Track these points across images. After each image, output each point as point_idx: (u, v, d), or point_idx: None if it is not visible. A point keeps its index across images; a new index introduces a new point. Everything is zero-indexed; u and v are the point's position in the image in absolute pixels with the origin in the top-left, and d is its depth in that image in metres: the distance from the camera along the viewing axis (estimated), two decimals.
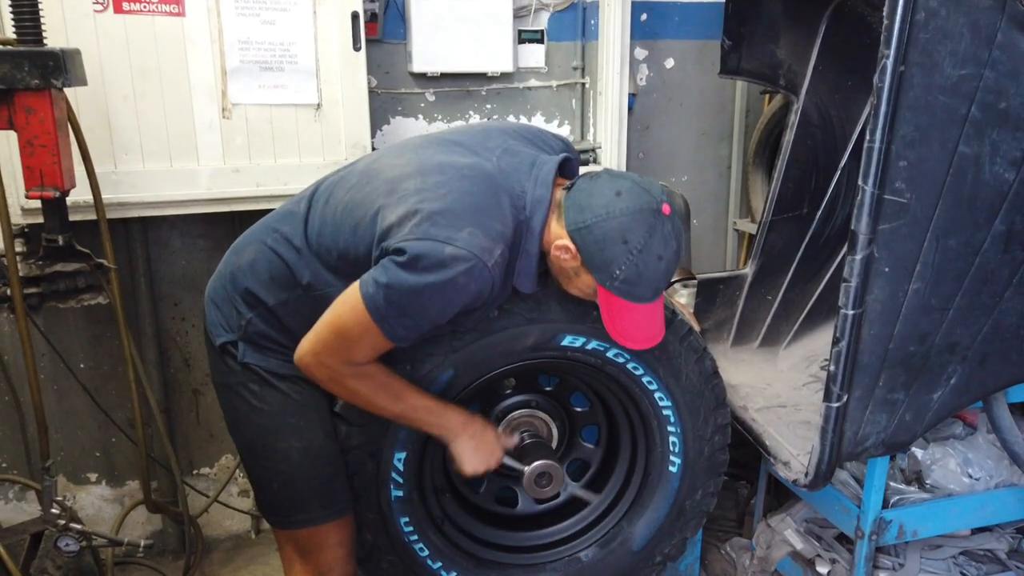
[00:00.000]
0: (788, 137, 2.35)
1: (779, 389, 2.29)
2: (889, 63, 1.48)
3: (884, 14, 1.46)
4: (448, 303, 1.43)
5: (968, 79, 1.54)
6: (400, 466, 1.73)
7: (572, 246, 1.48)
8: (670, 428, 1.83)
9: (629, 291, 1.47)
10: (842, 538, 2.36)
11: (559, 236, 1.50)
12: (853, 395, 1.68)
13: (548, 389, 2.00)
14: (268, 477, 1.69)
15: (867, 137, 1.53)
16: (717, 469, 1.93)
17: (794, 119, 2.34)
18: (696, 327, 1.86)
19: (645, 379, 1.77)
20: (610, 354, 1.73)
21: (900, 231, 1.58)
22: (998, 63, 1.54)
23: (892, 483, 2.20)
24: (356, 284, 1.45)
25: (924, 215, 1.59)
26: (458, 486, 2.03)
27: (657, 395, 1.79)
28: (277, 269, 1.61)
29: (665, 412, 1.81)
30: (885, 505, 2.11)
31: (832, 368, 1.67)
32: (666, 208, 1.46)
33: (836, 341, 1.65)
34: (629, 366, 1.75)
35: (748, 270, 2.44)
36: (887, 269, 1.60)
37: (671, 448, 1.85)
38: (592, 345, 1.71)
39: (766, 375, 2.37)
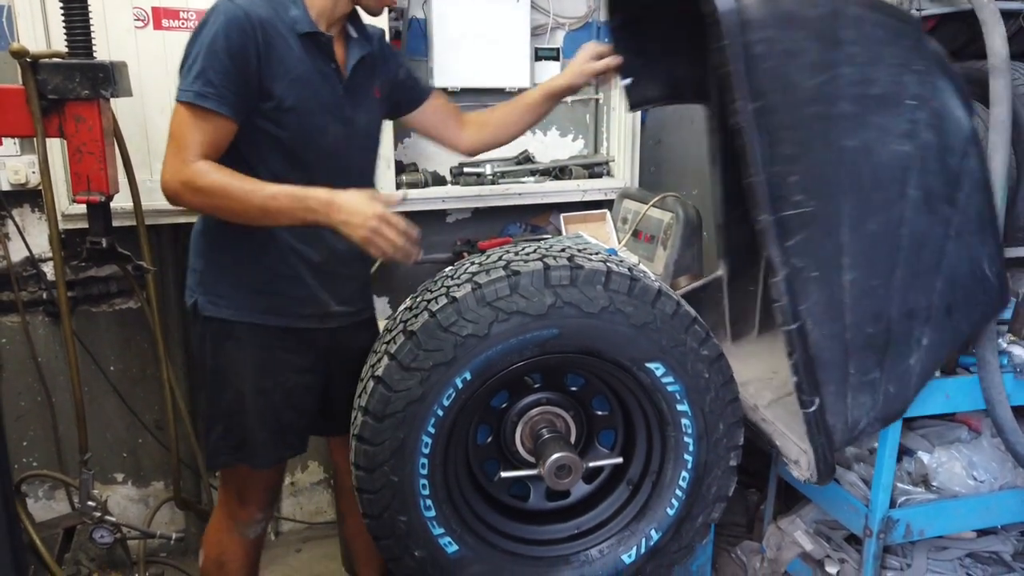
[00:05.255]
0: (711, 143, 2.38)
1: (785, 375, 2.33)
2: (743, 105, 1.52)
3: (723, 61, 1.51)
4: (222, 40, 1.62)
5: (829, 82, 1.57)
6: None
7: None
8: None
9: None
10: (851, 539, 2.41)
11: None
12: (827, 393, 1.71)
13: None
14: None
15: (747, 173, 1.57)
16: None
17: (710, 124, 2.36)
18: None
19: None
20: None
21: (814, 237, 1.61)
22: (854, 58, 1.58)
23: (899, 484, 2.26)
24: None
25: (833, 213, 1.62)
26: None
27: None
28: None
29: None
30: (892, 505, 2.18)
31: (794, 379, 1.72)
32: None
33: (790, 355, 1.69)
34: None
35: (721, 271, 2.47)
36: (815, 274, 1.64)
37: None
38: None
39: (771, 363, 2.40)
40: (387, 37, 2.50)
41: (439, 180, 2.83)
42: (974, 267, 1.79)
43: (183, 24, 2.29)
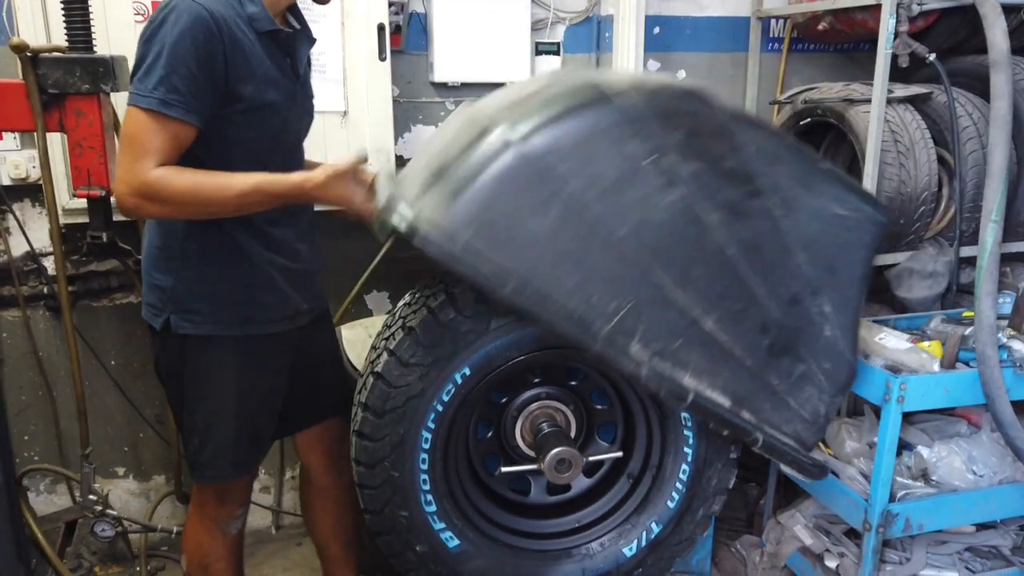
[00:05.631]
0: None
1: None
2: (501, 295, 1.53)
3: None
4: (188, 42, 1.52)
5: (566, 206, 1.52)
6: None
7: None
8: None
9: None
10: (851, 533, 2.42)
11: None
12: (767, 416, 1.70)
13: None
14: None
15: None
16: None
17: None
18: None
19: None
20: None
21: (653, 318, 1.58)
22: (571, 172, 1.51)
23: (899, 478, 2.27)
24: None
25: (654, 289, 1.58)
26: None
27: None
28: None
29: None
30: (892, 499, 2.18)
31: (726, 433, 1.76)
32: None
33: (705, 424, 1.76)
34: None
35: None
36: (679, 342, 1.61)
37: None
38: None
39: None
40: (387, 31, 2.52)
41: None
42: (824, 219, 1.70)
43: None
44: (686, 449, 1.93)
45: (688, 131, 1.56)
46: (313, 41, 1.89)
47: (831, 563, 2.37)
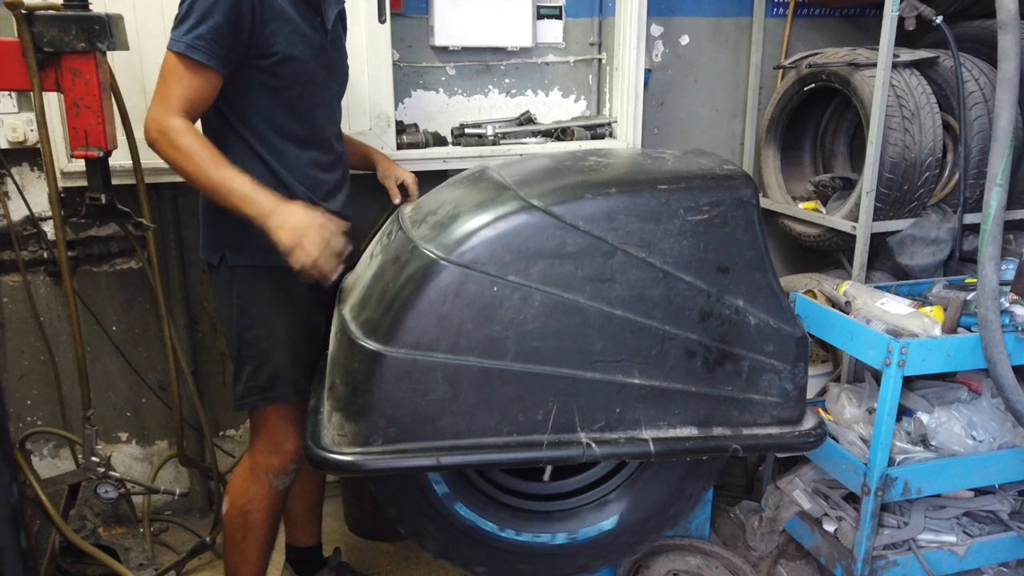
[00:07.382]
0: None
1: None
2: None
3: None
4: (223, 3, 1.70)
5: (458, 383, 1.56)
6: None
7: None
8: None
9: None
10: (849, 498, 2.43)
11: None
12: (738, 420, 1.69)
13: None
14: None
15: None
16: None
17: None
18: None
19: None
20: None
21: (585, 408, 1.61)
22: (451, 357, 1.55)
23: (898, 443, 2.28)
24: None
25: (570, 385, 1.60)
26: None
27: None
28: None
29: None
30: (891, 464, 2.19)
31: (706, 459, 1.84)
32: None
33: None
34: None
35: None
36: (618, 411, 1.64)
37: None
38: None
39: None
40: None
41: (440, 141, 2.80)
42: (690, 232, 1.62)
43: None
44: None
45: (515, 250, 1.56)
46: (344, 2, 2.05)
47: (829, 527, 2.38)
